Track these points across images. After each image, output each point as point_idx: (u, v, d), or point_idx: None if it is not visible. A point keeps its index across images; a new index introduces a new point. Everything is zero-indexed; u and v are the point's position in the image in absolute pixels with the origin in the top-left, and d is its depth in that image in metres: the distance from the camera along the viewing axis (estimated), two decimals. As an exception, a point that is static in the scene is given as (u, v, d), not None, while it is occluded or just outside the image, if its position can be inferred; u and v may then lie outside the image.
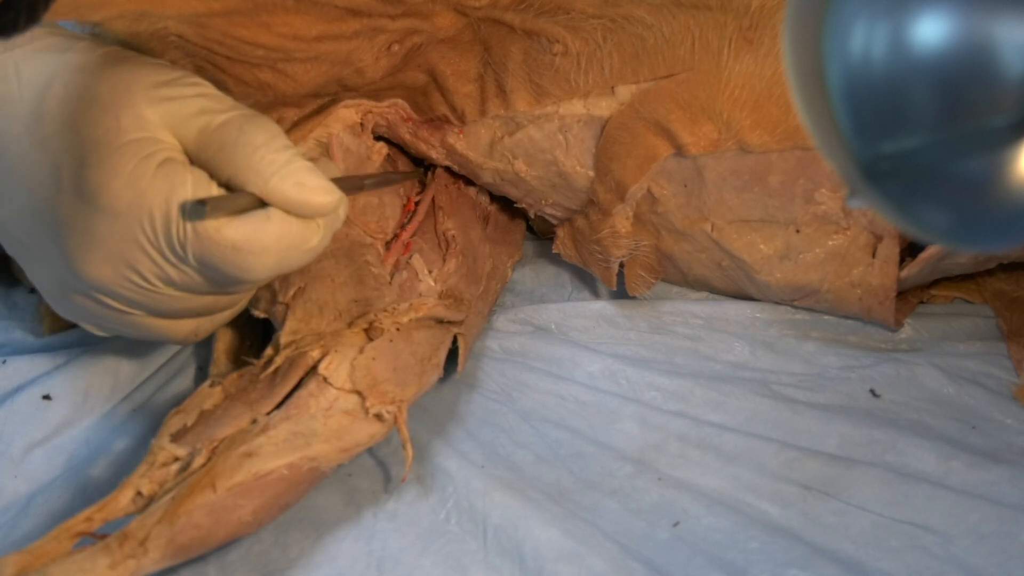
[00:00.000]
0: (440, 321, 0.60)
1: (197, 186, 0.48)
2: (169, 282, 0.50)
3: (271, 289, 0.59)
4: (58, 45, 0.52)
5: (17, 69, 0.51)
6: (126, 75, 0.50)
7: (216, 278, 0.50)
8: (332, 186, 0.49)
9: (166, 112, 0.49)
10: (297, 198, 0.48)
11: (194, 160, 0.49)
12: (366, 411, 0.53)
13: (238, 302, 0.57)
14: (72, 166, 0.49)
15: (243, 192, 0.48)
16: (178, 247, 0.48)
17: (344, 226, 0.62)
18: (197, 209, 0.45)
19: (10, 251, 0.55)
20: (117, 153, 0.48)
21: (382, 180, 0.61)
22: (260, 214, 0.48)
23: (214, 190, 0.48)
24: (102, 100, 0.49)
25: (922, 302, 0.68)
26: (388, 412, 0.54)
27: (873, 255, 0.61)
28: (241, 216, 0.47)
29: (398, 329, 0.57)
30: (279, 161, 0.47)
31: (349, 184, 0.54)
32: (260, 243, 0.48)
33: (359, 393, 0.54)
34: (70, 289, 0.52)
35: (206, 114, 0.49)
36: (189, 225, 0.47)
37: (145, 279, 0.50)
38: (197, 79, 0.51)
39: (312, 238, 0.49)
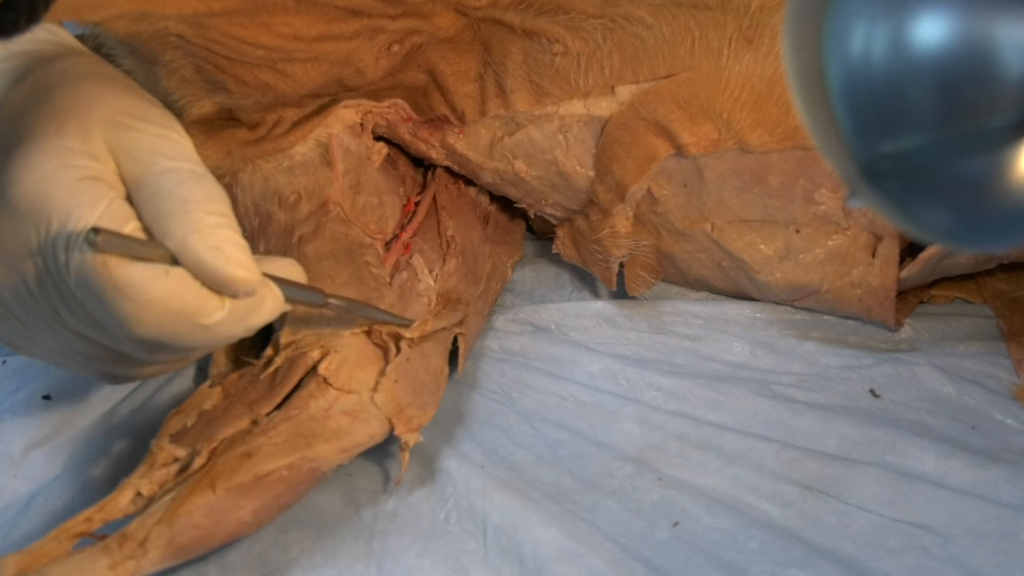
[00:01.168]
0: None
1: (112, 215, 0.44)
2: (55, 306, 0.46)
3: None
4: (54, 52, 0.50)
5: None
6: (97, 91, 0.47)
7: (96, 317, 0.45)
8: (253, 266, 0.44)
9: (118, 139, 0.46)
10: (210, 262, 0.43)
11: (129, 197, 0.46)
12: (402, 447, 0.54)
13: (143, 372, 0.51)
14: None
15: (156, 242, 0.44)
16: (63, 266, 0.44)
17: (344, 226, 0.62)
18: (90, 236, 0.41)
19: None
20: (42, 151, 0.45)
21: (351, 306, 0.54)
22: (159, 267, 0.43)
23: (127, 229, 0.44)
24: (57, 104, 0.47)
25: (922, 302, 0.68)
26: (410, 440, 0.54)
27: (873, 255, 0.61)
28: (137, 262, 0.43)
29: (410, 346, 0.57)
30: (205, 222, 0.43)
31: (306, 294, 0.50)
32: (144, 293, 0.42)
33: (388, 420, 0.54)
34: None
35: (155, 155, 0.45)
36: (79, 246, 0.43)
37: (31, 292, 0.46)
38: (173, 124, 0.48)
39: (212, 314, 0.44)
